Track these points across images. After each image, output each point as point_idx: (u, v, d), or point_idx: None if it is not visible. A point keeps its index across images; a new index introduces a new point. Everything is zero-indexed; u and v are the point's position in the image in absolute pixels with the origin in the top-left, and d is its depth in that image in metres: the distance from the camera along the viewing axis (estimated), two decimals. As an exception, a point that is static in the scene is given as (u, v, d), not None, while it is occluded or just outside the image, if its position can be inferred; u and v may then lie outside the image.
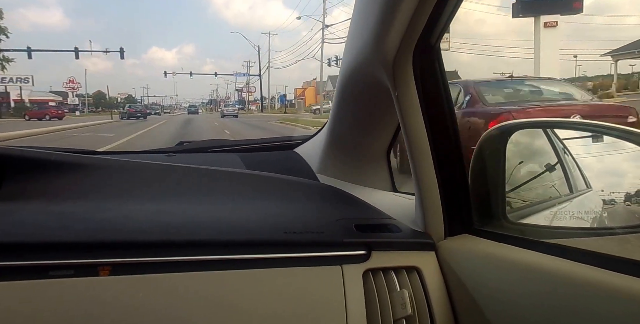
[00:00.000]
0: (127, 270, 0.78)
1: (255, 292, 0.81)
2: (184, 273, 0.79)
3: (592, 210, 0.84)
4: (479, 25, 33.56)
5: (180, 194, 1.05)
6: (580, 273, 0.68)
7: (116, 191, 1.01)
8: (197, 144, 1.74)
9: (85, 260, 0.77)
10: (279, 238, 0.88)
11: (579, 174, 0.91)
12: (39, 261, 0.76)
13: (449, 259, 0.90)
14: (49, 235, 0.80)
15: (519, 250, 0.80)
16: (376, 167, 1.33)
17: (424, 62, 0.89)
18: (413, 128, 0.91)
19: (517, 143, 0.96)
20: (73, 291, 0.75)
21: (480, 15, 28.41)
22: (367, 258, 0.89)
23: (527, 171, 1.02)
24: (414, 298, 0.87)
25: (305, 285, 0.84)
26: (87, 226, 0.84)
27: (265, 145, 1.71)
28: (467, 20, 21.78)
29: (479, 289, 0.83)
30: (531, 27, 16.69)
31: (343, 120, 1.27)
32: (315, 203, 1.12)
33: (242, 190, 1.12)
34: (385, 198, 1.24)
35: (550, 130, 0.99)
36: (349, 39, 1.06)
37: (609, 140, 0.85)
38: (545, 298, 0.71)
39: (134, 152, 1.59)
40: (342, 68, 1.14)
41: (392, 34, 0.85)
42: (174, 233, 0.85)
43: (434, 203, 0.93)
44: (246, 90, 68.34)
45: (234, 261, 0.83)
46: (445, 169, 0.92)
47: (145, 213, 0.94)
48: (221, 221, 0.93)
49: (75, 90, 56.67)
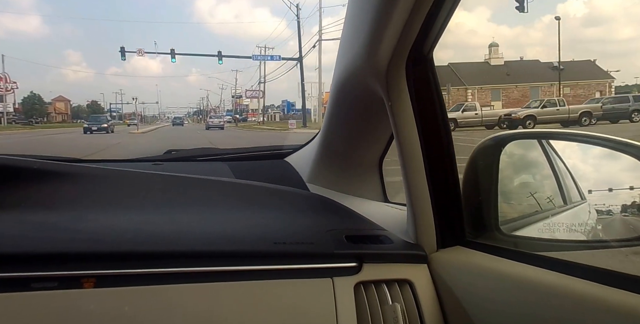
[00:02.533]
0: (112, 282, 0.76)
1: (244, 305, 0.79)
2: (171, 285, 0.77)
3: (586, 222, 0.83)
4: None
5: (167, 204, 1.03)
6: (574, 287, 0.67)
7: (101, 201, 0.99)
8: (185, 153, 1.72)
9: (69, 272, 0.75)
10: (269, 249, 0.86)
11: (574, 185, 0.91)
12: (20, 272, 0.73)
13: (441, 272, 0.89)
14: (31, 245, 0.77)
15: (513, 263, 0.79)
16: (368, 177, 1.32)
17: (417, 72, 0.88)
18: (406, 138, 0.90)
19: (510, 154, 0.96)
20: (56, 304, 0.72)
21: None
22: (359, 270, 0.87)
23: (520, 182, 1.01)
24: (406, 312, 0.85)
25: (295, 298, 0.82)
26: (71, 236, 0.82)
27: (255, 153, 1.69)
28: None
29: (472, 302, 0.81)
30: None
31: (335, 129, 1.26)
32: (305, 214, 1.11)
33: (231, 199, 1.10)
34: (376, 208, 1.23)
35: (545, 141, 0.99)
36: (341, 49, 1.06)
37: (604, 151, 0.84)
38: (539, 312, 0.71)
39: (119, 160, 1.56)
40: (335, 78, 1.13)
41: (385, 45, 0.85)
42: (161, 244, 0.83)
43: (425, 214, 0.92)
44: (252, 95, 50.85)
45: (222, 272, 0.81)
46: (437, 180, 0.91)
47: (131, 223, 0.91)
48: (209, 232, 0.91)
49: (9, 91, 37.78)
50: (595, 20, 35.90)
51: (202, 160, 1.62)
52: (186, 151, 1.76)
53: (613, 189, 0.80)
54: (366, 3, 0.85)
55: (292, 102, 58.17)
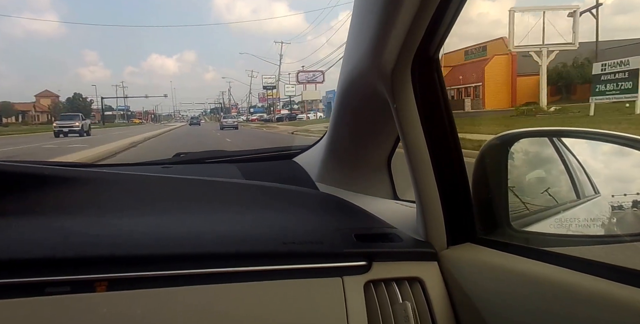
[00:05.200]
0: (124, 285, 0.76)
1: (255, 305, 0.79)
2: (183, 287, 0.78)
3: (600, 217, 0.82)
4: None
5: (178, 206, 1.03)
6: (587, 285, 0.66)
7: (112, 205, 0.99)
8: (194, 155, 1.73)
9: (82, 276, 0.76)
10: (279, 249, 0.86)
11: (587, 180, 0.90)
12: (34, 277, 0.74)
13: (451, 269, 0.88)
14: (44, 251, 0.78)
15: (524, 259, 0.78)
16: (377, 175, 1.31)
17: (422, 73, 0.88)
18: (412, 138, 0.90)
19: (521, 150, 0.95)
20: (70, 308, 0.73)
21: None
22: (368, 268, 0.87)
23: (532, 177, 1.00)
24: (417, 310, 0.85)
25: (305, 297, 0.82)
26: (82, 241, 0.82)
27: (263, 155, 1.69)
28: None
29: (484, 300, 0.81)
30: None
31: (343, 129, 1.26)
32: (314, 213, 1.11)
33: (241, 200, 1.10)
34: (386, 206, 1.22)
35: (557, 138, 0.97)
36: (347, 50, 1.06)
37: (615, 148, 0.83)
38: (551, 309, 0.70)
39: (129, 164, 1.57)
40: (341, 79, 1.13)
41: (390, 46, 0.84)
42: (172, 247, 0.83)
43: (435, 211, 0.91)
44: (306, 79, 31.96)
45: (233, 273, 0.81)
46: (445, 178, 0.90)
47: (142, 226, 0.92)
48: (219, 233, 0.91)
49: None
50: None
51: (211, 162, 1.62)
52: (195, 154, 1.76)
53: (626, 183, 0.78)
54: (372, 4, 0.85)
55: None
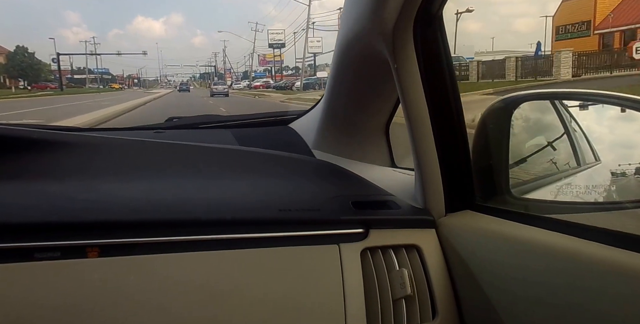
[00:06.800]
0: (116, 251, 0.75)
1: (250, 272, 0.79)
2: (176, 254, 0.77)
3: (600, 184, 0.81)
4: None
5: (170, 172, 1.01)
6: (586, 250, 0.66)
7: (103, 170, 0.97)
8: (187, 120, 1.69)
9: (73, 241, 0.74)
10: (274, 216, 0.85)
11: (588, 147, 0.88)
12: (23, 242, 0.73)
13: (449, 236, 0.87)
14: (33, 215, 0.77)
15: (523, 226, 0.78)
16: (374, 142, 1.29)
17: (425, 31, 0.84)
18: (413, 101, 0.87)
19: (522, 116, 0.92)
20: (60, 274, 0.72)
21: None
22: (365, 236, 0.87)
23: (532, 144, 0.99)
24: (414, 277, 0.85)
25: (301, 265, 0.81)
26: (73, 206, 0.81)
27: (259, 120, 1.66)
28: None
29: (481, 266, 0.80)
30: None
31: (340, 93, 1.23)
32: (311, 180, 1.09)
33: (235, 167, 1.09)
34: (383, 174, 1.21)
35: (559, 101, 0.95)
36: (345, 8, 1.01)
37: (621, 111, 0.81)
38: (550, 275, 0.69)
39: (121, 129, 1.54)
40: (339, 39, 1.09)
41: (391, 2, 0.80)
42: (165, 213, 0.82)
43: (434, 178, 0.90)
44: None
45: (227, 240, 0.80)
46: (446, 144, 0.89)
47: (134, 191, 0.90)
48: (214, 200, 0.90)
49: None
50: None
51: (205, 127, 1.59)
52: (188, 118, 1.73)
53: (629, 149, 0.77)
54: None
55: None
